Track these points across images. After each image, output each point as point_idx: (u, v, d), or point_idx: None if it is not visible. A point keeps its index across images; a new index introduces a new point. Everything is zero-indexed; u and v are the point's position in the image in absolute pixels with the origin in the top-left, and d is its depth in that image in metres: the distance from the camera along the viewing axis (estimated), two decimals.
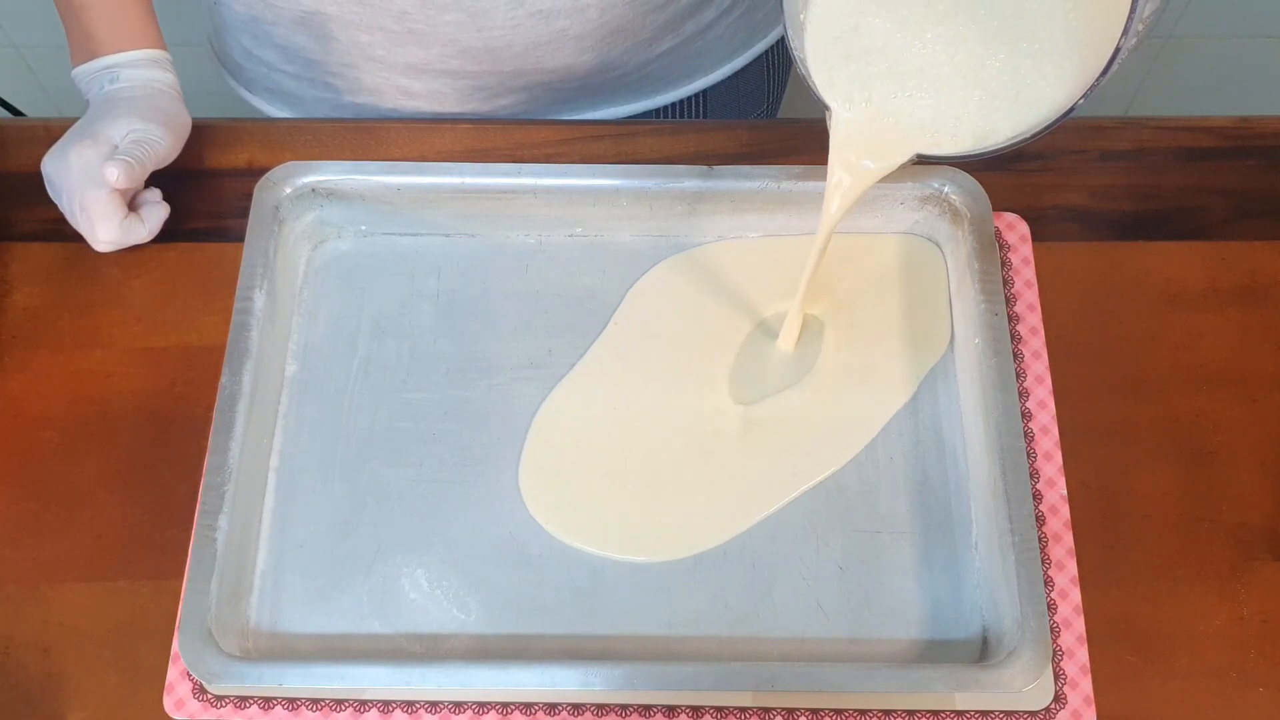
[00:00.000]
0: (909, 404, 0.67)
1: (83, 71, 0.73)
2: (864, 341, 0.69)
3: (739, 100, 0.93)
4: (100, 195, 0.68)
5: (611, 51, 0.81)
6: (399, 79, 0.81)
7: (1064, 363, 0.68)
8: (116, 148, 0.68)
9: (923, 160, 0.58)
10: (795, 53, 0.57)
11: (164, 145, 0.70)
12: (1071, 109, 0.52)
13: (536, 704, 0.60)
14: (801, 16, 0.58)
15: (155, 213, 0.72)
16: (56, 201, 0.71)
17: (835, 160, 0.60)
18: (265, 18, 0.79)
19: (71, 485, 0.67)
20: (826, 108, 0.59)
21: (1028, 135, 0.55)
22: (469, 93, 0.82)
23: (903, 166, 0.59)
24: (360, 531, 0.65)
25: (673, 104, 0.89)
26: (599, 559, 0.64)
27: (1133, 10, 0.46)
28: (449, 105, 0.83)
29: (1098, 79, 0.50)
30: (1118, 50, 0.48)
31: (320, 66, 0.82)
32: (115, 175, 0.66)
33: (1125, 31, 0.47)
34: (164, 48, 0.74)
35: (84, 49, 0.73)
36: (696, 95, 0.89)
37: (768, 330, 0.70)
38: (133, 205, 0.71)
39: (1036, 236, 0.71)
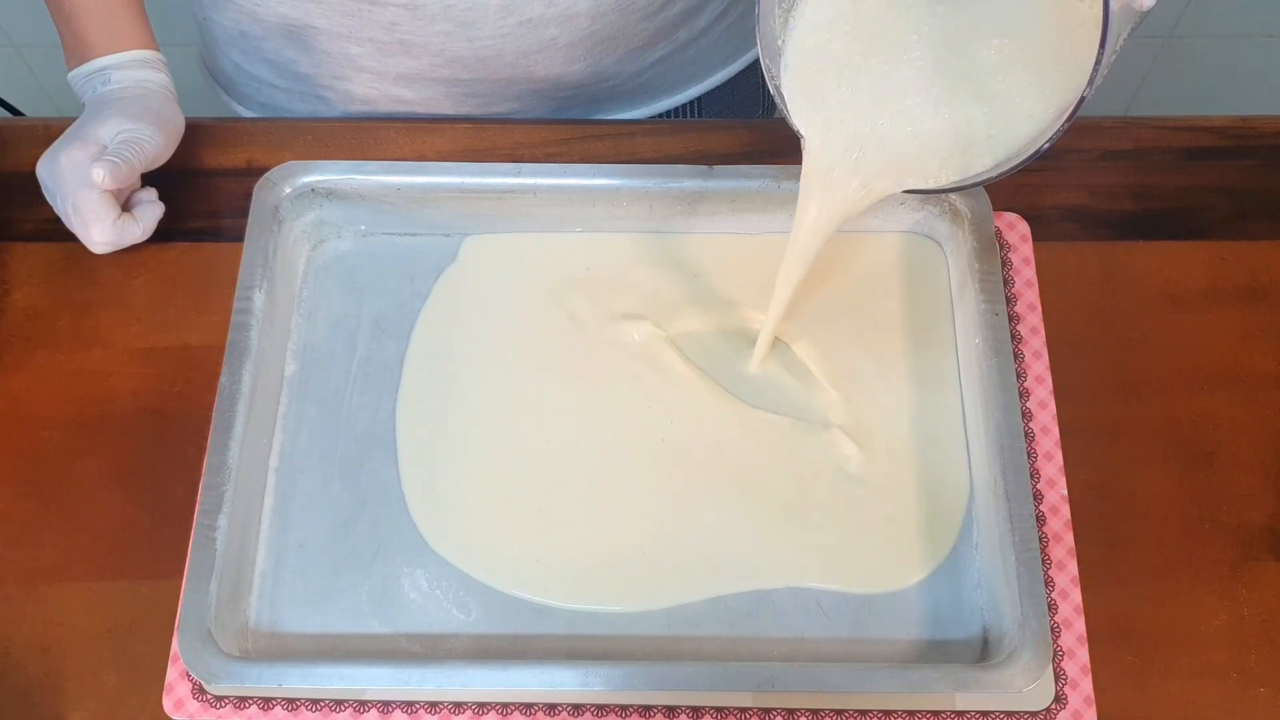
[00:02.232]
0: (909, 405, 0.67)
1: (77, 75, 0.73)
2: (863, 359, 0.68)
3: (734, 107, 0.92)
4: (91, 196, 0.68)
5: (603, 60, 0.80)
6: (391, 88, 0.81)
7: (1064, 363, 0.68)
8: (106, 149, 0.68)
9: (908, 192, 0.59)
10: (771, 80, 0.57)
11: (154, 145, 0.70)
12: (1037, 153, 0.53)
13: (536, 704, 0.60)
14: (780, 42, 0.58)
15: (150, 212, 0.71)
16: (52, 205, 0.70)
17: (807, 191, 0.60)
18: (253, 32, 0.79)
19: (71, 485, 0.67)
20: (801, 136, 0.59)
21: (994, 174, 0.56)
22: (462, 100, 0.82)
23: (875, 200, 0.59)
24: (360, 531, 0.65)
25: (667, 111, 0.89)
26: (595, 555, 0.64)
27: (1097, 64, 0.48)
28: (443, 112, 0.83)
29: (1062, 125, 0.51)
30: (1082, 99, 0.49)
31: (311, 80, 0.82)
32: (102, 176, 0.66)
33: (1090, 82, 0.48)
34: (156, 48, 0.74)
35: (76, 53, 0.73)
36: (691, 102, 0.89)
37: (732, 342, 0.69)
38: (127, 205, 0.71)
39: (1036, 236, 0.71)
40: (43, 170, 0.70)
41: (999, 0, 0.55)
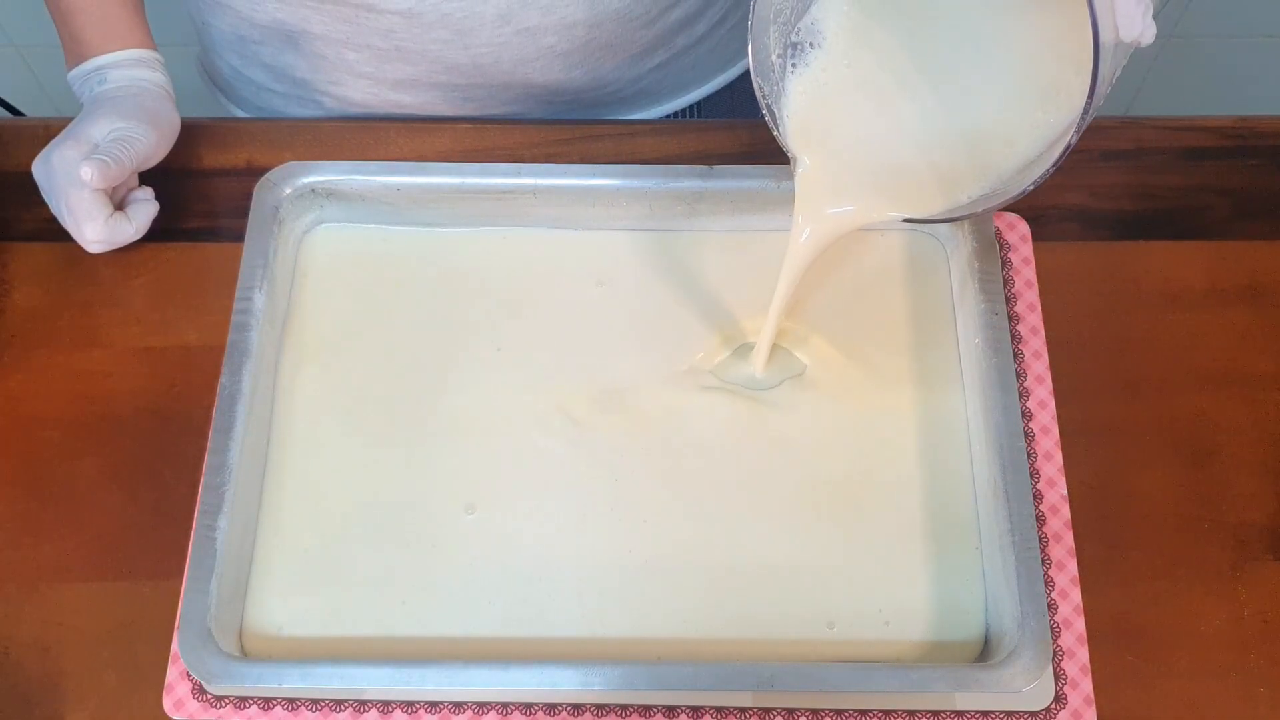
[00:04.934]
0: (910, 404, 0.67)
1: (75, 75, 0.73)
2: (862, 358, 0.68)
3: (734, 110, 0.92)
4: (83, 195, 0.68)
5: (602, 67, 0.80)
6: (388, 94, 0.81)
7: (1064, 363, 0.68)
8: (98, 147, 0.68)
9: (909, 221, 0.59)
10: (763, 98, 0.57)
11: (146, 143, 0.69)
12: (1022, 193, 0.53)
13: (536, 704, 0.60)
14: (773, 57, 0.58)
15: (143, 210, 0.71)
16: (49, 204, 0.70)
17: (799, 211, 0.60)
18: (250, 36, 0.79)
19: (71, 485, 0.67)
20: (793, 157, 0.59)
21: (980, 209, 0.56)
22: (459, 105, 0.81)
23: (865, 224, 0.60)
24: None
25: (667, 116, 0.88)
26: (599, 558, 0.64)
27: (1085, 112, 0.48)
28: (442, 114, 0.83)
29: (1048, 169, 0.51)
30: (1068, 146, 0.50)
31: (308, 84, 0.81)
32: (90, 174, 0.66)
33: (1077, 129, 0.49)
34: (153, 47, 0.74)
35: (74, 53, 0.73)
36: (691, 108, 0.89)
37: (731, 345, 0.69)
38: (122, 204, 0.71)
39: (1037, 236, 0.71)
40: (37, 170, 0.70)
41: (993, 38, 0.56)
